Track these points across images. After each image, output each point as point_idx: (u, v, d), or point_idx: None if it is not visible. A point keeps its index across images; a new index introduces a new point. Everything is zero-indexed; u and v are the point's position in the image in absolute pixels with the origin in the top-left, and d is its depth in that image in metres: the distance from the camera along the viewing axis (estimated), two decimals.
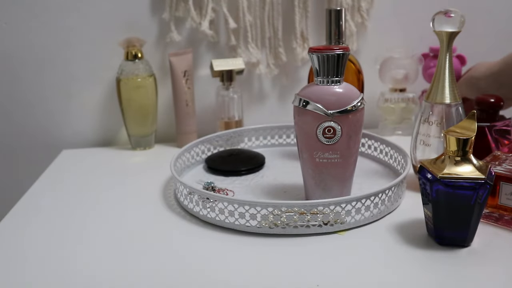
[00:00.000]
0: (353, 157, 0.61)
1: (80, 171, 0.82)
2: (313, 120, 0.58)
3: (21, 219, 0.64)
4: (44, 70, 0.92)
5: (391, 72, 0.92)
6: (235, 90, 0.88)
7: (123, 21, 0.90)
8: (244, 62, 0.90)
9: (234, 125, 0.89)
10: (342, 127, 0.58)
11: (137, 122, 0.90)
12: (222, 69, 0.87)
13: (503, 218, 0.57)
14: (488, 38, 0.99)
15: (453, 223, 0.51)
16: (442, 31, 0.64)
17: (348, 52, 0.58)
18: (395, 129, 0.94)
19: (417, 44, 0.95)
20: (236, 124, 0.89)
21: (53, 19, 0.89)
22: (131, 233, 0.59)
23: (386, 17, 0.96)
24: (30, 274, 0.51)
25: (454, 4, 0.74)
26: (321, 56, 0.58)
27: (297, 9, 0.92)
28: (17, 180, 0.93)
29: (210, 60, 0.88)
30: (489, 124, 0.69)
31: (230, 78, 0.88)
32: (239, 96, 0.89)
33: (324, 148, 0.59)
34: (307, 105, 0.58)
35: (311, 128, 0.59)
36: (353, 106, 0.58)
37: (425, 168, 0.53)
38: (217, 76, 0.88)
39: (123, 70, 0.87)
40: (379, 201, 0.59)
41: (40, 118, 0.94)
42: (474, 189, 0.49)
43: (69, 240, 0.58)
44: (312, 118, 0.58)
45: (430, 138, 0.67)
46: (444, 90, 0.65)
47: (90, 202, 0.68)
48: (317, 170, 0.61)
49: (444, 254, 0.51)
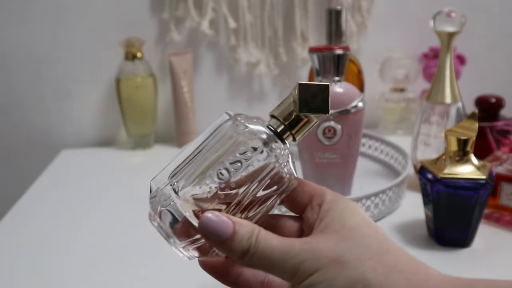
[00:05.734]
0: (353, 157, 0.61)
1: (79, 171, 0.82)
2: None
3: (21, 219, 0.64)
4: (44, 70, 0.92)
5: (392, 71, 0.92)
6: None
7: (123, 21, 0.90)
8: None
9: None
10: (342, 127, 0.58)
11: (136, 122, 0.90)
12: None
13: (504, 218, 0.57)
14: (488, 38, 0.98)
15: (453, 223, 0.51)
16: (442, 31, 0.64)
17: (348, 52, 0.58)
18: (396, 129, 0.94)
19: (417, 44, 0.95)
20: None
21: (53, 19, 0.89)
22: (131, 233, 0.59)
23: (386, 17, 0.96)
24: (30, 274, 0.51)
25: (454, 4, 0.74)
26: (321, 56, 0.58)
27: (297, 9, 0.91)
28: (17, 180, 0.93)
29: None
30: (490, 124, 0.69)
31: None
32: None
33: (324, 148, 0.59)
34: None
35: None
36: (354, 106, 0.58)
37: (426, 168, 0.52)
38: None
39: (123, 70, 0.87)
40: (380, 201, 0.58)
41: (39, 118, 0.94)
42: (475, 189, 0.49)
43: (69, 240, 0.58)
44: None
45: (430, 138, 0.67)
46: (445, 90, 0.65)
47: (90, 202, 0.68)
48: (317, 170, 0.60)
49: (445, 254, 0.51)
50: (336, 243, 0.29)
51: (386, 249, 0.29)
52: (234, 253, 0.30)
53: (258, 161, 0.31)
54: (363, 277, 0.28)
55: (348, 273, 0.28)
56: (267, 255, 0.29)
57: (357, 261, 0.28)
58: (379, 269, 0.28)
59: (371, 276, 0.28)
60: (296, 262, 0.29)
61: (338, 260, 0.28)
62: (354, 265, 0.28)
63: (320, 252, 0.29)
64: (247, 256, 0.30)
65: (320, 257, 0.29)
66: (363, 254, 0.29)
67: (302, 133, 0.33)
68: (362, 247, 0.29)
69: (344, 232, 0.30)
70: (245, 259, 0.30)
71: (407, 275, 0.28)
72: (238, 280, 0.33)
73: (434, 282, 0.28)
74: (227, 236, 0.29)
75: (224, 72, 0.96)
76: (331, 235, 0.30)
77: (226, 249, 0.30)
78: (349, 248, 0.29)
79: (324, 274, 0.28)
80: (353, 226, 0.30)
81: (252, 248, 0.29)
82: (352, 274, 0.28)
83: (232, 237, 0.29)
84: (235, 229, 0.29)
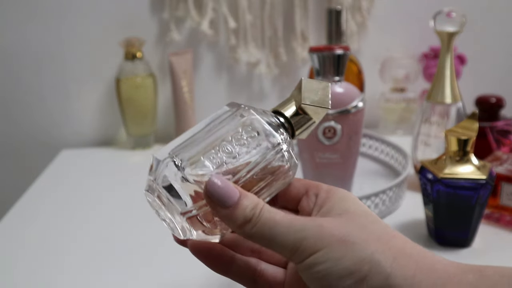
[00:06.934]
0: (354, 157, 0.61)
1: (79, 171, 0.82)
2: None
3: (21, 219, 0.64)
4: (44, 70, 0.92)
5: (392, 71, 0.92)
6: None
7: (122, 21, 0.90)
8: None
9: None
10: (342, 127, 0.58)
11: (136, 122, 0.89)
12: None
13: (504, 218, 0.57)
14: (488, 38, 0.98)
15: (454, 223, 0.51)
16: (443, 31, 0.64)
17: (349, 52, 0.58)
18: (396, 129, 0.94)
19: (417, 44, 0.95)
20: None
21: (53, 19, 0.89)
22: (131, 233, 0.59)
23: (386, 17, 0.96)
24: (30, 274, 0.51)
25: (454, 4, 0.74)
26: (321, 56, 0.57)
27: (297, 9, 0.91)
28: (17, 180, 0.93)
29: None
30: (490, 124, 0.69)
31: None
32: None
33: (324, 148, 0.59)
34: None
35: None
36: (354, 106, 0.58)
37: (426, 168, 0.52)
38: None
39: (123, 70, 0.87)
40: (380, 201, 0.58)
41: (39, 118, 0.94)
42: (475, 189, 0.49)
43: (69, 240, 0.58)
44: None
45: (430, 138, 0.67)
46: (445, 90, 0.65)
47: (90, 202, 0.68)
48: (318, 170, 0.60)
49: (445, 254, 0.51)
50: (341, 224, 0.28)
51: (393, 234, 0.29)
52: (236, 221, 0.29)
53: (263, 144, 0.31)
54: (371, 258, 0.27)
55: (355, 253, 0.27)
56: (269, 226, 0.28)
57: (364, 242, 0.27)
58: (387, 252, 0.27)
59: (380, 258, 0.27)
60: (299, 237, 0.28)
61: (344, 240, 0.27)
62: (362, 246, 0.27)
63: (326, 230, 0.28)
64: (248, 226, 0.28)
65: (325, 234, 0.28)
66: (370, 236, 0.28)
67: (301, 130, 0.34)
68: (368, 231, 0.28)
69: (348, 216, 0.29)
70: (246, 229, 0.29)
71: (416, 258, 0.27)
72: (230, 268, 0.32)
73: (442, 265, 0.27)
74: (231, 203, 0.29)
75: (224, 72, 0.96)
76: (335, 217, 0.29)
77: (228, 216, 0.29)
78: (355, 230, 0.28)
79: (329, 253, 0.27)
80: (356, 212, 0.29)
81: (255, 218, 0.28)
82: (360, 254, 0.27)
83: (236, 204, 0.29)
84: (240, 198, 0.29)
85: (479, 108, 0.72)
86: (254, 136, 0.32)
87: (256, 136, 0.32)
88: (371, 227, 0.28)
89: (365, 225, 0.28)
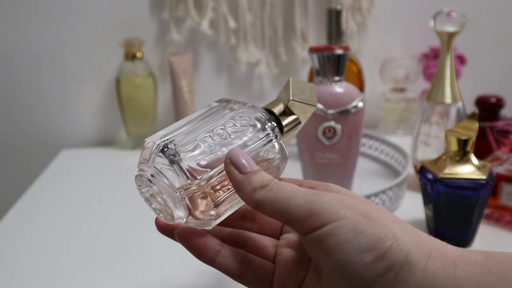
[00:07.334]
0: (354, 157, 0.61)
1: (79, 171, 0.82)
2: (313, 120, 0.58)
3: (21, 219, 0.64)
4: (44, 70, 0.92)
5: (392, 71, 0.92)
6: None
7: (122, 21, 0.90)
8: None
9: None
10: (342, 127, 0.58)
11: (136, 122, 0.89)
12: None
13: (504, 218, 0.57)
14: (488, 38, 0.98)
15: (454, 223, 0.51)
16: (443, 31, 0.64)
17: (349, 52, 0.58)
18: (396, 129, 0.94)
19: (417, 44, 0.95)
20: None
21: (53, 19, 0.89)
22: (131, 233, 0.59)
23: (386, 17, 0.96)
24: (30, 274, 0.51)
25: (454, 4, 0.74)
26: (321, 56, 0.57)
27: (297, 9, 0.91)
28: (17, 180, 0.93)
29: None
30: (490, 124, 0.69)
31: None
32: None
33: (324, 148, 0.59)
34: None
35: (311, 128, 0.58)
36: (354, 106, 0.58)
37: (426, 168, 0.52)
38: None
39: (123, 70, 0.87)
40: (380, 201, 0.58)
41: (39, 117, 0.94)
42: (475, 189, 0.49)
43: (69, 239, 0.58)
44: (312, 118, 0.58)
45: (430, 138, 0.67)
46: (445, 90, 0.65)
47: (90, 202, 0.68)
48: (317, 170, 0.60)
49: None
50: (359, 201, 0.28)
51: (403, 221, 0.29)
52: (253, 184, 0.29)
53: (254, 133, 0.33)
54: (393, 234, 0.26)
55: (378, 230, 0.26)
56: (287, 190, 0.28)
57: (384, 221, 0.27)
58: (404, 231, 0.27)
59: (401, 236, 0.26)
60: (318, 201, 0.27)
61: (366, 215, 0.27)
62: (383, 223, 0.27)
63: (348, 201, 0.27)
64: (264, 189, 0.29)
65: (347, 206, 0.27)
66: (388, 217, 0.28)
67: (288, 127, 0.35)
68: (384, 212, 0.28)
69: (361, 198, 0.29)
70: (262, 192, 0.28)
71: (428, 239, 0.28)
72: (216, 257, 0.32)
73: (452, 247, 0.28)
74: (251, 169, 0.30)
75: (224, 72, 0.96)
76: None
77: (245, 180, 0.29)
78: (375, 209, 0.28)
79: (349, 225, 0.26)
80: (363, 198, 0.30)
81: (272, 184, 0.29)
82: (382, 230, 0.26)
83: (255, 172, 0.30)
84: (258, 169, 0.30)
85: (479, 108, 0.72)
86: (245, 126, 0.33)
87: (248, 126, 0.33)
88: (384, 212, 0.29)
89: (378, 207, 0.29)
